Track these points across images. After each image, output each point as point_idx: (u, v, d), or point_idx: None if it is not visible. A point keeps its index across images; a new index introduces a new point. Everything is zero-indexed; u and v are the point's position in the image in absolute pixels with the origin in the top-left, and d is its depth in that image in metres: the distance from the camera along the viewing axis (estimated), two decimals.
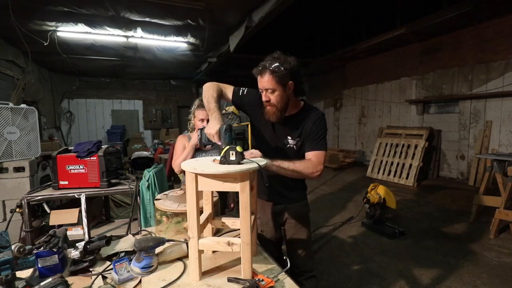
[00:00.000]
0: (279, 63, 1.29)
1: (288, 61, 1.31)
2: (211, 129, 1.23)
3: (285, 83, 1.32)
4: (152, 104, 10.09)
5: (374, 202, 3.49)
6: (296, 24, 7.43)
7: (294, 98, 1.42)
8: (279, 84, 1.31)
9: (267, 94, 1.34)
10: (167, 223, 1.39)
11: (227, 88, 1.51)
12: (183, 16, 4.34)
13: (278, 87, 1.31)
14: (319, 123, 1.41)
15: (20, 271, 1.06)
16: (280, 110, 1.36)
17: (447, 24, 5.29)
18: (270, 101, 1.34)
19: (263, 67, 1.31)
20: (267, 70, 1.30)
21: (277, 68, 1.28)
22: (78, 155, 2.19)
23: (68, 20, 4.32)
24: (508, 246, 3.04)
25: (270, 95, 1.33)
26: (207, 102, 1.37)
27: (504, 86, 5.03)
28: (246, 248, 1.02)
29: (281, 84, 1.31)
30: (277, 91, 1.32)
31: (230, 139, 1.19)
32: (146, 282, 1.05)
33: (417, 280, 2.50)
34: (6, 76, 5.18)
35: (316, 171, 1.34)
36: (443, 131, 6.20)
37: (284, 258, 1.19)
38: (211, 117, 1.30)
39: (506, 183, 3.17)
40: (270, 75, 1.29)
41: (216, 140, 1.23)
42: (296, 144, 1.44)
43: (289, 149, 1.45)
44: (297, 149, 1.45)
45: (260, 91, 1.38)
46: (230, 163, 1.05)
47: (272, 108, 1.36)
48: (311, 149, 1.40)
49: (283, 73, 1.29)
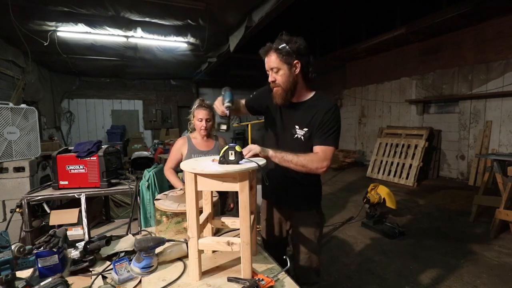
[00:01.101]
0: (285, 42, 1.28)
1: (294, 41, 1.29)
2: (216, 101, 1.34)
3: (291, 62, 1.29)
4: (152, 104, 10.09)
5: (374, 202, 3.49)
6: (296, 24, 7.42)
7: (303, 84, 1.38)
8: (284, 63, 1.29)
9: (272, 74, 1.32)
10: (167, 223, 1.39)
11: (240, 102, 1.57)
12: (183, 16, 4.34)
13: (283, 66, 1.29)
14: (330, 114, 1.31)
15: (20, 271, 1.06)
16: (286, 91, 1.32)
17: (447, 24, 5.29)
18: (276, 81, 1.32)
19: (268, 47, 1.30)
20: (272, 49, 1.29)
21: (281, 46, 1.27)
22: (78, 155, 2.19)
23: (68, 20, 4.32)
24: (508, 246, 3.04)
25: (275, 75, 1.31)
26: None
27: (504, 86, 5.03)
28: (245, 248, 1.02)
29: (286, 63, 1.29)
30: (282, 69, 1.30)
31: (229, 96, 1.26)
32: (146, 282, 1.05)
33: (417, 280, 2.50)
34: (6, 76, 5.18)
35: (322, 167, 1.27)
36: (443, 131, 6.20)
37: (284, 257, 1.17)
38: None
39: (506, 183, 3.17)
40: (275, 53, 1.28)
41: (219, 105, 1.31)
42: (304, 135, 1.36)
43: (296, 140, 1.38)
44: (305, 141, 1.36)
45: (267, 72, 1.35)
46: (229, 162, 1.05)
47: (278, 89, 1.33)
48: (319, 143, 1.32)
49: (288, 51, 1.27)
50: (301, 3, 4.46)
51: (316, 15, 7.32)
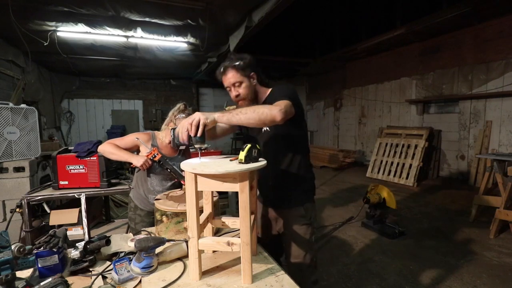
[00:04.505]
0: (237, 59, 1.38)
1: (244, 57, 1.40)
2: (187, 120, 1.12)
3: (248, 75, 1.40)
4: (152, 104, 10.09)
5: (374, 202, 3.49)
6: (296, 24, 7.43)
7: (261, 88, 1.48)
8: (243, 76, 1.38)
9: (235, 89, 1.40)
10: (167, 223, 1.39)
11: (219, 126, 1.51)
12: (183, 16, 4.34)
13: (243, 79, 1.39)
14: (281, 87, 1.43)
15: (20, 271, 1.06)
16: (252, 101, 1.42)
17: (447, 24, 5.29)
18: (240, 95, 1.40)
19: (224, 67, 1.39)
20: (229, 67, 1.38)
21: (236, 62, 1.38)
22: (78, 155, 2.19)
23: (68, 20, 4.32)
24: (508, 246, 3.04)
25: (238, 88, 1.39)
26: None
27: (504, 86, 5.03)
28: (245, 248, 1.02)
29: (245, 76, 1.39)
30: (244, 82, 1.39)
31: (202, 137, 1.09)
32: (146, 282, 1.05)
33: (417, 280, 2.50)
34: (6, 76, 5.18)
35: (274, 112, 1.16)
36: (443, 131, 6.20)
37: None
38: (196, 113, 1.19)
39: (506, 183, 3.17)
40: (233, 70, 1.38)
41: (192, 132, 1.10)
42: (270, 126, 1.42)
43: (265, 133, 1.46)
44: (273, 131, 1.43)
45: (228, 89, 1.43)
46: (253, 160, 1.07)
47: (244, 102, 1.41)
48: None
49: (244, 66, 1.38)
50: (301, 3, 4.46)
51: (316, 15, 7.32)
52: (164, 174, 1.87)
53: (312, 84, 10.57)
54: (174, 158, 1.90)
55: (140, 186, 1.91)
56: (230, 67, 1.38)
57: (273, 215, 1.54)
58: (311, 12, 7.06)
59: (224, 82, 1.43)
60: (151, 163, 1.80)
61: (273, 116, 1.16)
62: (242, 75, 1.38)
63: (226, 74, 1.40)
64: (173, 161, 1.85)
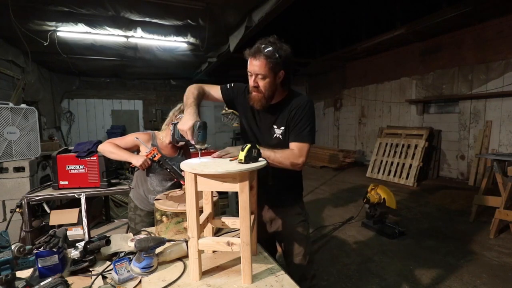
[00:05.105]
0: (274, 48, 1.22)
1: (283, 48, 1.25)
2: (184, 125, 1.16)
3: (277, 72, 1.26)
4: (152, 104, 10.10)
5: (374, 202, 3.49)
6: (296, 24, 7.42)
7: (280, 88, 1.35)
8: (271, 71, 1.24)
9: (256, 79, 1.27)
10: (167, 223, 1.39)
11: (213, 88, 1.47)
12: (183, 16, 4.34)
13: (269, 74, 1.25)
14: (303, 110, 1.31)
15: (20, 271, 1.06)
16: (267, 98, 1.30)
17: (447, 24, 5.29)
18: (259, 87, 1.27)
19: (257, 50, 1.23)
20: (262, 54, 1.22)
21: (272, 53, 1.21)
22: (78, 155, 2.19)
23: (68, 20, 4.32)
24: (508, 246, 3.04)
25: (259, 80, 1.26)
26: (186, 98, 1.33)
27: (504, 86, 5.03)
28: (245, 248, 1.02)
29: (273, 72, 1.25)
30: (268, 78, 1.25)
31: (203, 137, 1.11)
32: (146, 282, 1.05)
33: (417, 280, 2.50)
34: (6, 76, 5.18)
35: (297, 164, 1.26)
36: (443, 131, 6.20)
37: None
38: (186, 112, 1.23)
39: (506, 183, 3.17)
40: (265, 60, 1.22)
41: (189, 137, 1.15)
42: (282, 134, 1.36)
43: (275, 139, 1.38)
44: (284, 139, 1.35)
45: (249, 74, 1.29)
46: (253, 160, 1.07)
47: (258, 95, 1.29)
48: (295, 139, 1.31)
49: (278, 60, 1.22)
50: (301, 3, 4.45)
51: (316, 15, 7.31)
52: (164, 174, 1.87)
53: (312, 84, 10.57)
54: (174, 158, 1.90)
55: (140, 186, 1.91)
56: (263, 54, 1.21)
57: (268, 216, 1.51)
58: (311, 12, 7.05)
59: (248, 64, 1.27)
60: (151, 162, 1.80)
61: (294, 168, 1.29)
62: (271, 69, 1.23)
63: (255, 59, 1.23)
64: (173, 161, 1.85)
